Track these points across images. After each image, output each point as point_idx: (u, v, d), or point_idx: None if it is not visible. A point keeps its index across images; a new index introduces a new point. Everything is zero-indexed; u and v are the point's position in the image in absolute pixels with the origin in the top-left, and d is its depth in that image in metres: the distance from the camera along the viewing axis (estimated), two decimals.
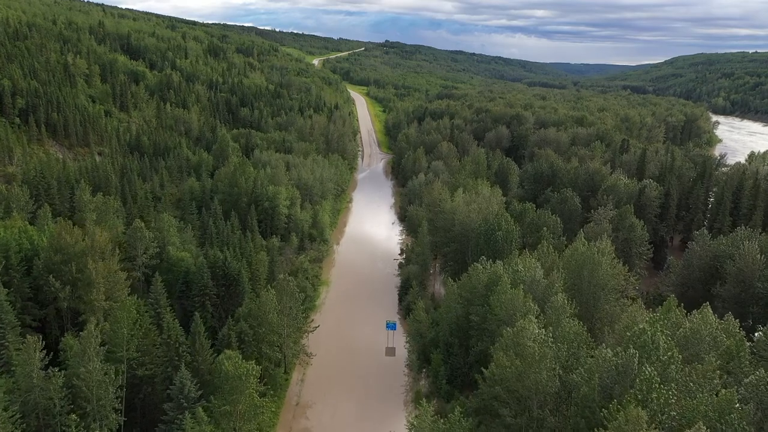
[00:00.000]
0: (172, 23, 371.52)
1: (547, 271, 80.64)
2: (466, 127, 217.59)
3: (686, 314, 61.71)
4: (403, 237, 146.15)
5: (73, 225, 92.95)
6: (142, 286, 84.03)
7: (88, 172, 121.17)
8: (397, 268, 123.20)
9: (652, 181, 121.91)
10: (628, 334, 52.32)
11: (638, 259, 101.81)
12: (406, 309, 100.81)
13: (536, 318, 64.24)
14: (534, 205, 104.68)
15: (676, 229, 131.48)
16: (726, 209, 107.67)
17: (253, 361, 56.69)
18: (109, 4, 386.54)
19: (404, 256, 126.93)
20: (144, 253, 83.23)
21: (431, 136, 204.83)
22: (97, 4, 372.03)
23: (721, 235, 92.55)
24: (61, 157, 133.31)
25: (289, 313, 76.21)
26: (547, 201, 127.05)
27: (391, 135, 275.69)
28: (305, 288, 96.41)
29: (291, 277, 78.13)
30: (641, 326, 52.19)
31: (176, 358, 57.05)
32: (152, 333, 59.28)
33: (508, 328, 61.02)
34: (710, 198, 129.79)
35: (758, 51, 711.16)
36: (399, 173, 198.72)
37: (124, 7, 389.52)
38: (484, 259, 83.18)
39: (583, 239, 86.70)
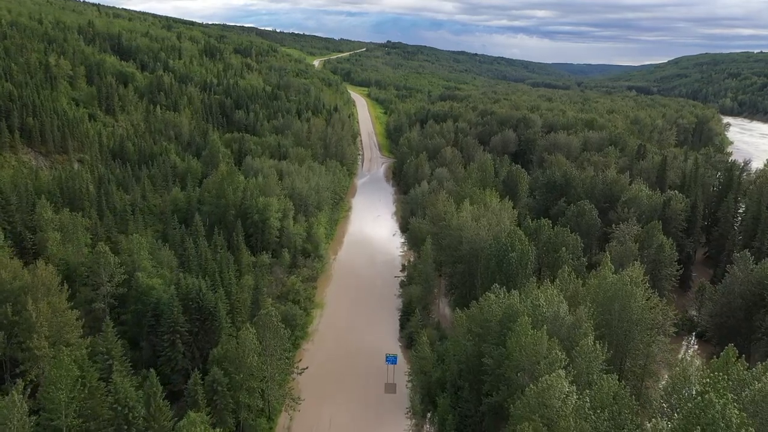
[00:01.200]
0: (169, 23, 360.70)
1: (570, 302, 69.66)
2: (470, 131, 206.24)
3: (748, 367, 50.50)
4: (405, 250, 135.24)
5: (33, 246, 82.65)
6: (107, 320, 73.06)
7: (63, 182, 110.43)
8: (398, 286, 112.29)
9: (677, 192, 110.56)
10: (689, 404, 41.22)
11: (666, 281, 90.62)
12: (407, 338, 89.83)
13: (564, 368, 53.49)
14: (550, 222, 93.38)
15: (699, 242, 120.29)
16: (766, 226, 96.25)
17: (220, 430, 45.49)
18: (108, 4, 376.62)
19: (406, 273, 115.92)
20: (109, 281, 72.31)
21: (434, 140, 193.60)
22: (93, 4, 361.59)
23: (766, 258, 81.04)
24: (35, 165, 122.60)
25: (273, 353, 65.16)
26: (561, 214, 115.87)
27: (392, 138, 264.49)
28: (295, 316, 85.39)
29: (275, 311, 67.03)
30: (704, 393, 41.21)
31: (125, 427, 46.12)
32: (99, 392, 48.29)
33: (531, 385, 50.11)
34: (738, 209, 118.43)
35: (763, 51, 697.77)
36: (401, 179, 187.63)
37: (120, 7, 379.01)
38: (497, 286, 72.07)
39: (609, 264, 75.82)
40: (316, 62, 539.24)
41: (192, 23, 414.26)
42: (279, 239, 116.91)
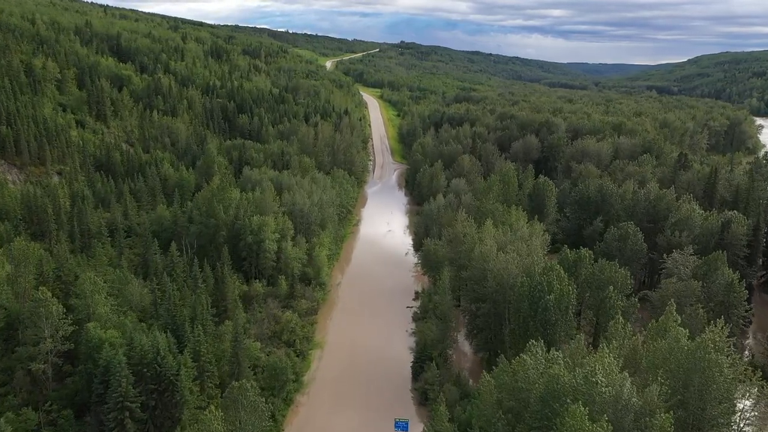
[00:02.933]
0: (176, 24, 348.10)
1: (625, 362, 54.22)
2: (489, 136, 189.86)
3: None
4: (418, 270, 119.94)
5: None
6: (50, 383, 58.62)
7: (31, 199, 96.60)
8: (410, 320, 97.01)
9: (736, 212, 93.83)
10: None
11: (735, 327, 74.21)
12: (421, 392, 74.48)
13: None
14: (591, 253, 77.17)
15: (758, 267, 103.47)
16: None
17: None
18: (119, 6, 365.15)
19: (419, 303, 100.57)
20: (52, 336, 57.78)
21: (450, 146, 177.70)
22: (100, 6, 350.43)
23: None
24: (6, 179, 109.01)
25: None
26: (598, 236, 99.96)
27: (405, 142, 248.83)
28: (285, 369, 70.18)
29: (252, 383, 52.02)
30: None
31: None
32: None
33: None
34: None
35: None
36: (414, 189, 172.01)
37: (128, 9, 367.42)
38: (534, 343, 56.58)
39: (675, 314, 59.84)
40: (329, 63, 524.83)
41: (201, 24, 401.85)
42: (276, 263, 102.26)
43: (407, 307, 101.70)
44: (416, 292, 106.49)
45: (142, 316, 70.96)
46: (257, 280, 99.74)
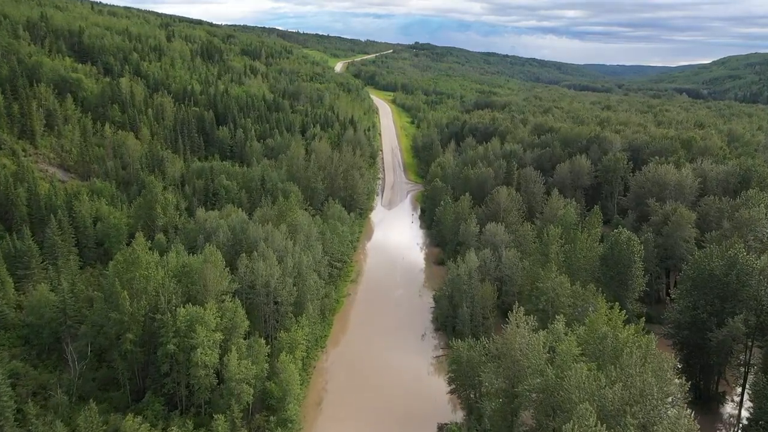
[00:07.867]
0: (168, 22, 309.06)
1: None
2: (525, 155, 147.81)
3: None
4: (440, 358, 79.90)
5: None
6: None
7: None
8: None
9: None
10: None
11: None
12: None
13: None
14: None
15: None
16: None
17: None
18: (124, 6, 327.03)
19: None
20: None
21: (477, 169, 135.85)
22: (93, 2, 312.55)
23: None
24: None
25: None
26: (734, 342, 58.27)
27: (420, 157, 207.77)
28: None
29: None
30: None
31: None
32: None
33: None
34: None
35: None
36: (433, 226, 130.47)
37: (121, 6, 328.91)
38: None
39: None
40: (339, 65, 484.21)
41: (200, 22, 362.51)
42: (217, 384, 62.12)
43: None
44: (439, 427, 65.59)
45: None
46: (183, 413, 59.94)
